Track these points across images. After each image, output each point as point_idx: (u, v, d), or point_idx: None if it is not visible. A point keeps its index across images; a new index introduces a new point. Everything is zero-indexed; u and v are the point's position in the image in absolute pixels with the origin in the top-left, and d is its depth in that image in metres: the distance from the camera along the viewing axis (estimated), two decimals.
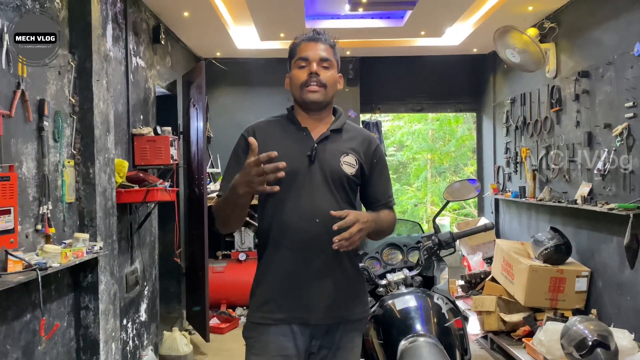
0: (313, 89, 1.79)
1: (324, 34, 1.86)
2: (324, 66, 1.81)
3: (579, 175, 4.27)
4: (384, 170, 1.97)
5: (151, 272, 4.30)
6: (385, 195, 1.96)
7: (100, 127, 3.05)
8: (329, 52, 1.83)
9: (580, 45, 4.28)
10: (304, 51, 1.81)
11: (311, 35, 1.84)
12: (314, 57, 1.80)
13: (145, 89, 4.23)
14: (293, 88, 1.85)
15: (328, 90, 1.82)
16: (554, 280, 4.15)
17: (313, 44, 1.82)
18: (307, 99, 1.80)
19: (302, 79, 1.80)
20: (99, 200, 3.01)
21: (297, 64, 1.82)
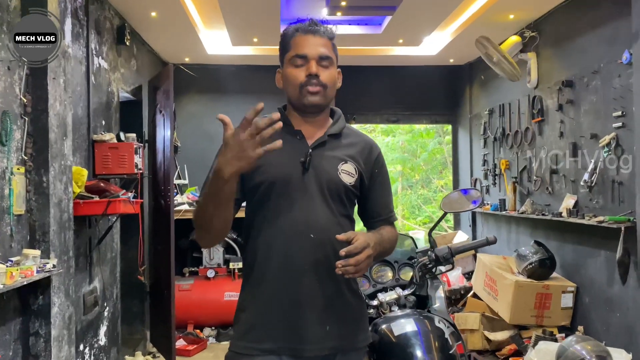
0: (313, 90, 1.56)
1: (322, 24, 1.62)
2: (323, 65, 1.57)
3: (562, 187, 4.16)
4: (385, 182, 1.75)
5: (112, 291, 3.95)
6: (387, 209, 1.74)
7: (56, 130, 2.74)
8: (329, 47, 1.60)
9: (563, 54, 4.19)
10: (301, 47, 1.57)
11: (308, 26, 1.59)
12: (312, 54, 1.56)
13: (108, 92, 3.92)
14: (289, 88, 1.61)
15: (328, 92, 1.59)
16: (540, 296, 3.99)
17: (311, 37, 1.57)
18: (306, 102, 1.57)
19: (300, 80, 1.56)
20: (53, 212, 2.68)
21: (293, 62, 1.58)
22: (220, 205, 1.42)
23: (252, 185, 1.58)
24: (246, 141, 1.27)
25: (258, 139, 1.27)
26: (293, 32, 1.60)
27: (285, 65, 1.61)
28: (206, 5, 4.38)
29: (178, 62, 5.85)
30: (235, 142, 1.28)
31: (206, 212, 1.44)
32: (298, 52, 1.56)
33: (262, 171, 1.56)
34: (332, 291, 1.56)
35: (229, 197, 1.41)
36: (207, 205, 1.43)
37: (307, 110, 1.61)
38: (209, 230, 1.50)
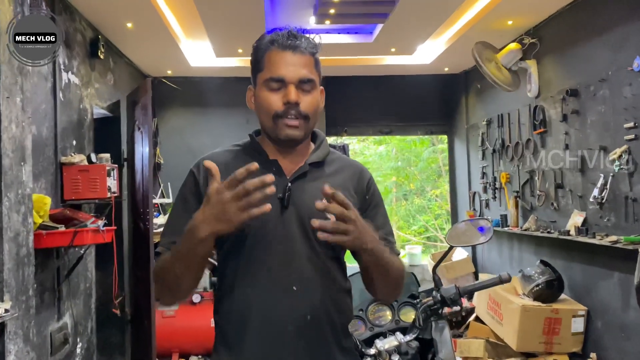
0: (291, 124, 1.29)
1: (304, 37, 1.32)
2: (304, 89, 1.29)
3: (569, 202, 3.89)
4: (380, 210, 1.46)
5: (86, 325, 3.64)
6: (384, 240, 1.42)
7: (11, 155, 2.44)
8: (311, 67, 1.31)
9: (566, 61, 3.95)
10: (277, 67, 1.28)
11: (287, 39, 1.30)
12: (291, 78, 1.27)
13: (79, 109, 3.62)
14: (262, 116, 1.33)
15: (310, 122, 1.32)
16: (549, 321, 3.72)
17: (290, 55, 1.28)
18: (282, 135, 1.30)
19: (276, 109, 1.28)
20: (8, 248, 2.37)
21: (268, 85, 1.29)
22: (190, 267, 1.20)
23: None
24: (231, 202, 1.09)
25: (244, 203, 1.08)
26: (268, 45, 1.31)
27: (258, 86, 1.33)
28: (186, 15, 4.12)
29: (160, 74, 5.57)
30: (218, 201, 1.10)
31: (172, 272, 1.21)
32: (274, 74, 1.28)
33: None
34: (321, 354, 1.29)
35: (203, 258, 1.18)
36: (175, 264, 1.20)
37: (283, 144, 1.34)
38: (173, 291, 1.26)
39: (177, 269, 1.19)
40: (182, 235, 1.16)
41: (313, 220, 1.12)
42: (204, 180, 1.32)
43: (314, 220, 1.12)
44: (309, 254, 1.30)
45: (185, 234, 1.15)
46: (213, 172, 1.11)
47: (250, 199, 1.07)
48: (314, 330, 1.27)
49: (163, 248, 1.30)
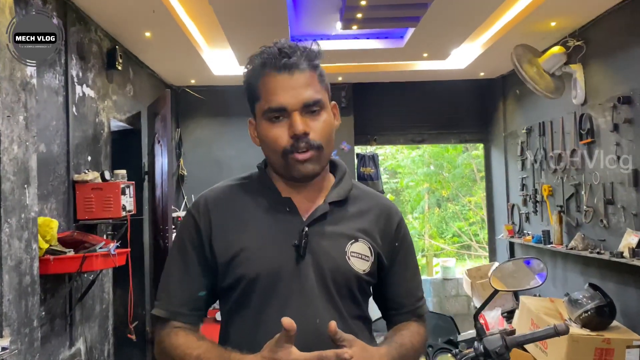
0: (303, 158, 1.07)
1: (298, 50, 1.10)
2: (312, 112, 1.08)
3: (621, 220, 3.54)
4: (410, 259, 1.24)
5: (102, 349, 3.48)
6: (413, 297, 1.23)
7: (13, 178, 2.28)
8: (314, 84, 1.09)
9: (617, 66, 3.60)
10: (274, 95, 1.06)
11: (277, 60, 1.07)
12: (294, 105, 1.06)
13: (95, 123, 3.48)
14: (269, 153, 1.11)
15: (325, 151, 1.10)
16: (599, 352, 3.36)
17: (286, 77, 1.07)
18: (296, 174, 1.09)
19: (283, 145, 1.07)
20: (7, 278, 2.21)
21: (267, 117, 1.08)
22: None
23: (228, 283, 1.12)
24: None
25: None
26: (259, 69, 1.10)
27: (258, 119, 1.12)
28: (207, 24, 3.95)
29: (183, 84, 5.43)
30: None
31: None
32: (272, 104, 1.06)
33: (241, 262, 1.09)
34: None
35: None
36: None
37: (299, 181, 1.12)
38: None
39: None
40: None
41: None
42: (207, 225, 1.12)
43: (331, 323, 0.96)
44: (329, 312, 1.09)
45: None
46: (290, 333, 0.93)
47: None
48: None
49: (165, 313, 1.12)
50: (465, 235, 11.68)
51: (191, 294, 1.13)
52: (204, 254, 1.12)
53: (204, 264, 1.12)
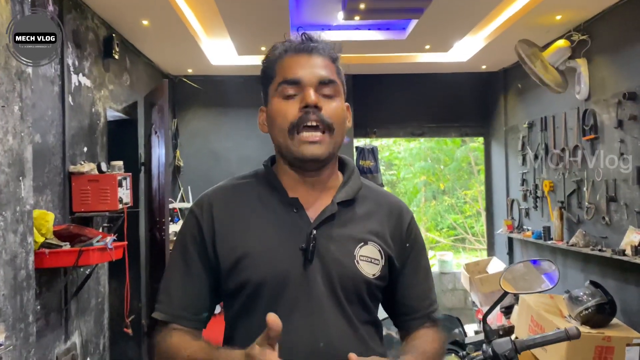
0: (312, 138, 1.02)
1: (320, 40, 1.08)
2: (325, 94, 1.03)
3: (623, 218, 3.51)
4: (422, 261, 1.19)
5: (97, 343, 3.43)
6: (427, 301, 1.18)
7: (8, 170, 2.21)
8: (332, 70, 1.06)
9: (622, 61, 3.55)
10: (292, 70, 1.03)
11: (301, 43, 1.06)
12: (309, 79, 1.03)
13: (91, 113, 3.40)
14: (275, 132, 1.06)
15: (336, 135, 1.05)
16: (600, 349, 3.35)
17: (305, 57, 1.05)
18: (299, 154, 1.03)
19: (292, 117, 1.02)
20: (2, 273, 2.15)
21: (282, 92, 1.04)
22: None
23: (232, 288, 1.07)
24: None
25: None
26: (279, 54, 1.07)
27: (270, 99, 1.07)
28: (206, 12, 3.87)
29: (180, 73, 5.34)
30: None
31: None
32: (287, 76, 1.03)
33: (246, 266, 1.04)
34: None
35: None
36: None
37: (305, 166, 1.07)
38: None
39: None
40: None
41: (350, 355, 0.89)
42: (210, 226, 1.07)
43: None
44: (338, 319, 1.04)
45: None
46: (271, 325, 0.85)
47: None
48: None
49: (166, 317, 1.07)
50: (461, 228, 11.67)
51: (193, 298, 1.08)
52: (207, 256, 1.07)
53: (207, 267, 1.07)
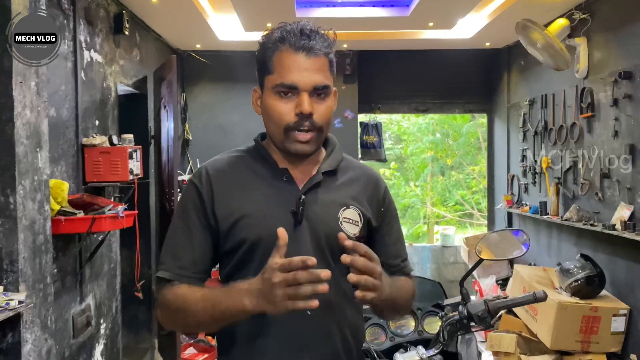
0: (303, 138, 1.16)
1: (318, 34, 1.17)
2: (319, 96, 1.16)
3: (615, 194, 3.62)
4: (395, 224, 1.36)
5: (110, 305, 3.65)
6: (399, 258, 1.35)
7: (26, 142, 2.37)
8: (325, 70, 1.18)
9: (620, 40, 3.61)
10: (289, 72, 1.14)
11: (298, 39, 1.15)
12: (305, 85, 1.14)
13: (102, 88, 3.55)
14: (270, 125, 1.20)
15: (323, 134, 1.20)
16: (587, 319, 3.51)
17: (303, 57, 1.15)
18: (295, 150, 1.18)
19: (287, 120, 1.16)
20: (22, 237, 2.33)
21: (278, 91, 1.16)
22: (220, 323, 1.13)
23: (230, 247, 1.21)
24: (278, 287, 0.98)
25: (292, 292, 0.97)
26: (277, 43, 1.17)
27: (266, 91, 1.19)
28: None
29: (188, 49, 5.45)
30: (268, 279, 0.99)
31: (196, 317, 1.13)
32: (285, 79, 1.14)
33: (242, 227, 1.19)
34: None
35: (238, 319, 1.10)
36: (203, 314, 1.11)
37: (293, 156, 1.21)
38: (188, 329, 1.26)
39: (203, 316, 1.11)
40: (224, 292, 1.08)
41: (344, 256, 1.01)
42: (209, 193, 1.21)
43: (344, 256, 1.01)
44: None
45: (230, 294, 1.06)
46: (281, 242, 0.99)
47: (299, 291, 0.96)
48: (330, 353, 1.19)
49: (169, 275, 1.19)
50: (468, 204, 11.79)
51: (194, 257, 1.20)
52: (207, 220, 1.20)
53: (207, 229, 1.21)
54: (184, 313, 1.13)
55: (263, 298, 1.00)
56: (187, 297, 1.13)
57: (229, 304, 1.05)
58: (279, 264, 0.97)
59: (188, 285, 1.18)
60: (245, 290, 1.03)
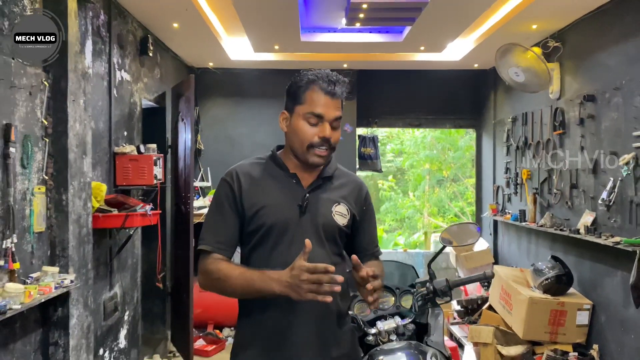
0: (321, 153, 1.62)
1: (341, 82, 1.62)
2: (335, 126, 1.62)
3: (582, 202, 4.09)
4: (372, 218, 1.84)
5: (132, 295, 4.11)
6: (373, 244, 1.83)
7: (76, 150, 2.86)
8: (340, 107, 1.64)
9: (586, 67, 4.10)
10: (319, 106, 1.58)
11: (327, 84, 1.59)
12: (329, 117, 1.60)
13: (130, 103, 4.04)
14: (295, 141, 1.64)
15: (334, 151, 1.67)
16: (555, 313, 3.96)
17: (329, 99, 1.59)
18: (311, 162, 1.63)
19: (311, 140, 1.60)
20: (72, 229, 2.81)
21: (307, 117, 1.60)
22: (250, 295, 1.55)
23: (252, 229, 1.65)
24: (305, 283, 1.39)
25: (314, 288, 1.39)
26: (310, 84, 1.61)
27: (295, 115, 1.63)
28: (227, 15, 4.45)
29: (202, 66, 5.96)
30: (297, 276, 1.41)
31: (233, 288, 1.56)
32: (315, 110, 1.58)
33: (262, 215, 1.63)
34: (326, 327, 1.64)
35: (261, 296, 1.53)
36: (240, 286, 1.54)
37: (309, 167, 1.66)
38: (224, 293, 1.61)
39: (239, 290, 1.55)
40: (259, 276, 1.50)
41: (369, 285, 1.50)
42: (238, 188, 1.66)
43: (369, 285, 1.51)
44: (320, 250, 1.63)
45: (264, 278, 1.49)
46: (307, 250, 1.41)
47: (320, 288, 1.38)
48: (321, 310, 1.61)
49: (210, 247, 1.62)
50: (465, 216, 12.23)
51: (228, 235, 1.65)
52: (236, 208, 1.65)
53: (236, 215, 1.65)
54: (224, 283, 1.56)
55: (289, 287, 1.42)
56: (228, 272, 1.57)
57: (261, 286, 1.49)
58: (306, 267, 1.40)
59: (227, 260, 1.61)
60: (276, 279, 1.46)
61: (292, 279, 1.41)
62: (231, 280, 1.55)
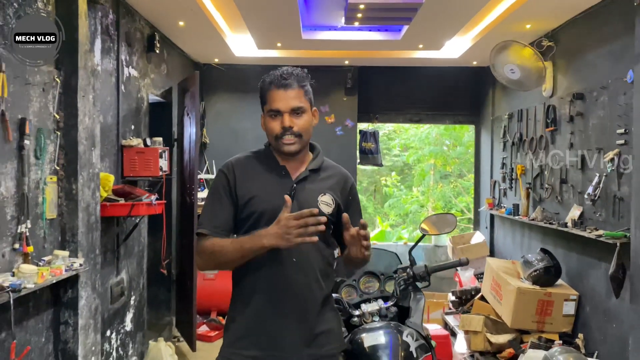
0: (288, 141, 1.78)
1: (292, 74, 1.80)
2: (297, 114, 1.78)
3: (570, 197, 4.24)
4: (357, 208, 1.99)
5: (138, 282, 4.31)
6: None
7: (85, 142, 3.05)
8: (300, 96, 1.79)
9: (577, 66, 4.24)
10: (274, 101, 1.77)
11: (279, 80, 1.77)
12: (284, 108, 1.76)
13: (137, 98, 4.23)
14: (269, 138, 1.83)
15: (304, 138, 1.81)
16: (542, 303, 4.12)
17: (282, 92, 1.76)
18: (284, 150, 1.80)
19: (276, 132, 1.77)
20: (81, 216, 3.01)
21: (269, 114, 1.78)
22: (244, 258, 1.70)
23: (245, 215, 1.82)
24: (293, 228, 1.57)
25: (302, 231, 1.56)
26: (268, 85, 1.80)
27: (264, 115, 1.83)
28: (231, 14, 4.62)
29: (207, 62, 6.14)
30: (286, 224, 1.58)
31: (227, 256, 1.71)
32: (272, 106, 1.77)
33: (253, 203, 1.80)
34: (311, 306, 1.80)
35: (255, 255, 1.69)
36: (233, 253, 1.70)
37: (285, 156, 1.83)
38: (221, 266, 1.80)
39: (233, 256, 1.70)
40: (249, 237, 1.66)
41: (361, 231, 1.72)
42: (233, 178, 1.83)
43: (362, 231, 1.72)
44: None
45: (252, 237, 1.65)
46: (288, 204, 1.60)
47: (307, 230, 1.56)
48: (307, 292, 1.78)
49: (207, 231, 1.78)
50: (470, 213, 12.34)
51: (224, 220, 1.81)
52: (231, 196, 1.82)
53: (231, 202, 1.81)
54: (219, 253, 1.72)
55: (279, 237, 1.58)
56: (221, 242, 1.74)
57: (252, 244, 1.66)
58: (292, 215, 1.57)
59: (220, 237, 1.78)
60: (263, 234, 1.64)
61: (281, 228, 1.58)
62: (225, 249, 1.71)
